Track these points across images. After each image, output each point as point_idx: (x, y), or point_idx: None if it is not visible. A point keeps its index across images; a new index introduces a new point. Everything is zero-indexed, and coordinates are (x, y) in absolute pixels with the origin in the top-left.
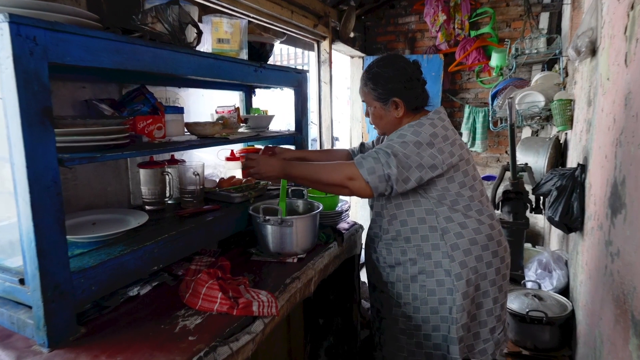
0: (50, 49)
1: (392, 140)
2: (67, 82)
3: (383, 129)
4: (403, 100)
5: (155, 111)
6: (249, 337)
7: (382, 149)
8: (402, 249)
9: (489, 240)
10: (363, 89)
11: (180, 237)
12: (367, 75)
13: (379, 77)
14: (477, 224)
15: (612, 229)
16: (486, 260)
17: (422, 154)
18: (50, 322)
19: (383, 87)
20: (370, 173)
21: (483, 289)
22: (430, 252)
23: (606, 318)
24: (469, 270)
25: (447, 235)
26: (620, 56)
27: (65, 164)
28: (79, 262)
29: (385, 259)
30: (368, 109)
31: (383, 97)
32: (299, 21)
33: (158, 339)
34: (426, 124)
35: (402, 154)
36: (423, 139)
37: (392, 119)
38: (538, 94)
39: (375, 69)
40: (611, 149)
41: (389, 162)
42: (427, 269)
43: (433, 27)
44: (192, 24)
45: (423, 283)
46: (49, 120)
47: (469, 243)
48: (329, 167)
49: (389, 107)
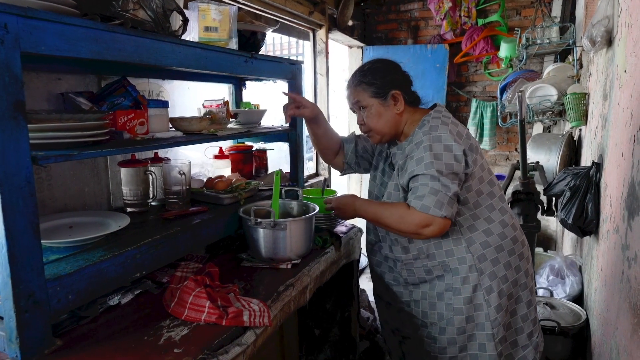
0: (22, 37)
1: (422, 159)
2: (42, 74)
3: (381, 130)
4: (402, 92)
5: (137, 105)
6: (240, 349)
7: (425, 175)
8: (426, 268)
9: (514, 243)
10: (355, 91)
11: (164, 242)
12: (361, 74)
13: (376, 72)
14: (501, 228)
15: (629, 232)
16: (514, 265)
17: (457, 156)
18: (24, 334)
19: (382, 80)
20: (440, 206)
21: (516, 295)
22: (458, 267)
23: (622, 328)
24: (499, 280)
25: (473, 246)
26: (638, 46)
27: (40, 163)
28: (54, 268)
29: (407, 279)
30: (361, 114)
31: (381, 92)
32: (293, 8)
33: (141, 352)
34: (438, 124)
35: (444, 167)
36: (447, 140)
37: (393, 115)
38: (550, 87)
39: (367, 67)
40: (628, 146)
41: (443, 182)
42: (454, 286)
43: (438, 15)
44: (177, 10)
45: (450, 301)
46: (21, 114)
47: (496, 251)
48: (396, 218)
49: (388, 102)
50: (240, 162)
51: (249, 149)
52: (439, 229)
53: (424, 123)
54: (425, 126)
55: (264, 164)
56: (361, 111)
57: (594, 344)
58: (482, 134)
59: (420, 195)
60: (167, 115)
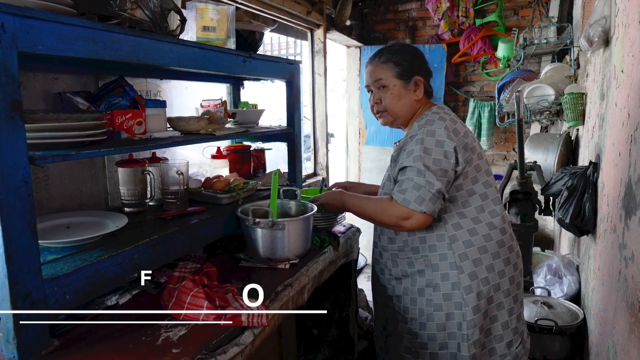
0: (19, 37)
1: (412, 152)
2: (39, 73)
3: (397, 113)
4: (424, 80)
5: (135, 105)
6: (238, 349)
7: (412, 168)
8: (410, 261)
9: (500, 246)
10: (380, 67)
11: (162, 242)
12: (390, 52)
13: (405, 53)
14: (487, 229)
15: (626, 231)
16: (498, 269)
17: (448, 152)
18: (21, 334)
19: (410, 62)
20: (421, 202)
21: (497, 300)
22: (438, 263)
23: (620, 327)
24: (480, 282)
25: (455, 244)
26: (636, 47)
27: (37, 163)
28: (51, 269)
29: (391, 271)
30: (378, 92)
31: (406, 75)
32: (291, 8)
33: (139, 352)
34: (435, 119)
35: (432, 162)
36: (440, 136)
37: (411, 101)
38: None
39: (397, 47)
40: (625, 146)
41: (428, 178)
42: (434, 282)
43: (435, 15)
44: (175, 10)
45: (430, 297)
46: (18, 114)
47: (479, 252)
48: (379, 210)
49: (410, 86)
50: (238, 162)
51: (247, 148)
52: (417, 223)
53: (423, 117)
54: (423, 119)
55: (262, 163)
56: (380, 90)
57: (591, 343)
58: (479, 133)
59: (403, 189)
60: (165, 115)
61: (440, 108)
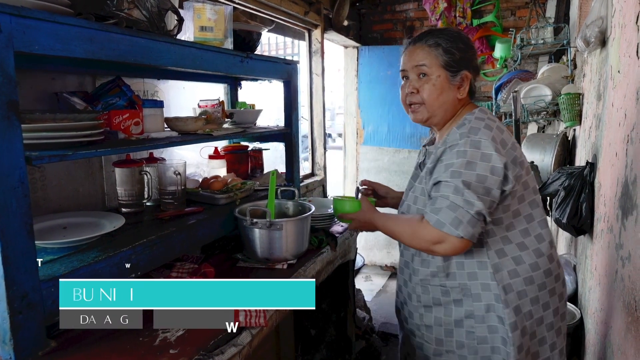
0: (16, 37)
1: (451, 165)
2: (35, 73)
3: (434, 109)
4: (472, 78)
5: (132, 105)
6: (235, 350)
7: (449, 185)
8: (444, 289)
9: (547, 276)
10: (426, 51)
11: (159, 242)
12: (440, 36)
13: (458, 41)
14: (534, 257)
15: (622, 231)
16: (543, 301)
17: (495, 168)
18: (17, 335)
19: (461, 53)
20: (457, 225)
21: (539, 335)
22: (480, 293)
23: (617, 326)
24: (524, 316)
25: (499, 274)
26: (632, 47)
27: (34, 163)
28: (48, 269)
29: (420, 297)
30: (418, 80)
31: (455, 67)
32: (288, 8)
33: (136, 353)
34: (480, 127)
35: (474, 179)
36: (487, 148)
37: (453, 98)
38: (545, 88)
39: (450, 32)
40: (622, 146)
41: (467, 197)
42: (476, 313)
43: (433, 15)
44: (172, 10)
45: (471, 329)
46: (15, 114)
47: (524, 283)
48: (408, 232)
49: (456, 81)
50: (235, 162)
51: (245, 149)
52: (452, 248)
53: (464, 122)
54: (465, 126)
55: (260, 164)
56: (419, 77)
57: (588, 343)
58: None
59: (436, 208)
60: (162, 115)
61: (483, 112)
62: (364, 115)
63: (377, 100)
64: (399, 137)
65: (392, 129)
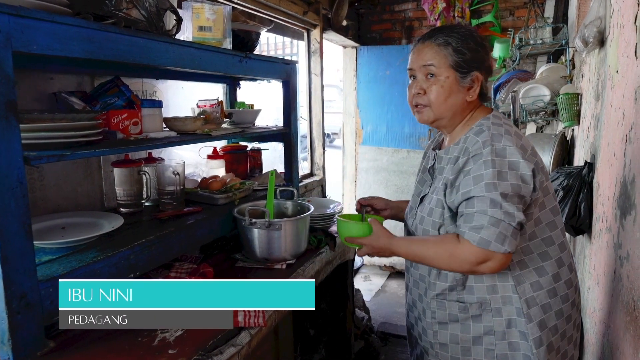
0: (14, 37)
1: (481, 178)
2: (34, 73)
3: (441, 111)
4: (484, 79)
5: (131, 105)
6: (234, 350)
7: (484, 199)
8: (462, 305)
9: (569, 287)
10: (435, 50)
11: (158, 242)
12: (451, 34)
13: (470, 39)
14: (556, 268)
15: (621, 231)
16: (566, 314)
17: (525, 176)
18: (16, 335)
19: (472, 53)
20: (503, 240)
21: (562, 349)
22: (501, 307)
23: (615, 326)
24: (549, 331)
25: (521, 286)
26: (630, 47)
27: (32, 163)
28: (47, 270)
29: (434, 313)
30: (426, 80)
31: (465, 67)
32: (287, 8)
33: (135, 353)
34: (501, 133)
35: (510, 189)
36: (513, 156)
37: (461, 101)
38: (543, 88)
39: (462, 30)
40: (620, 146)
41: (506, 209)
42: (496, 329)
43: (432, 15)
44: (171, 10)
45: (490, 347)
46: (13, 114)
47: (548, 296)
48: (444, 255)
49: (466, 82)
50: (234, 162)
51: (243, 149)
52: (499, 265)
53: (482, 129)
54: (484, 133)
55: (259, 164)
56: (427, 77)
57: (587, 342)
58: None
59: (477, 226)
60: (161, 115)
61: (497, 117)
62: (362, 115)
63: (376, 100)
64: (398, 137)
65: (391, 129)
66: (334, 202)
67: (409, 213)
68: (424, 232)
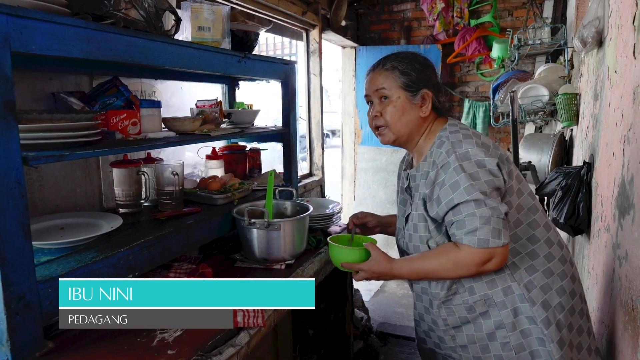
0: (12, 37)
1: (457, 184)
2: (32, 73)
3: (398, 130)
4: (433, 95)
5: (130, 105)
6: (234, 350)
7: (468, 203)
8: (467, 305)
9: (563, 264)
10: (384, 75)
11: (157, 243)
12: (397, 59)
13: (414, 62)
14: (547, 248)
15: (619, 230)
16: (569, 290)
17: (493, 170)
18: (14, 336)
19: (418, 73)
20: (498, 234)
21: (576, 325)
22: (504, 300)
23: (614, 325)
24: (554, 310)
25: (518, 273)
26: (629, 47)
27: (31, 163)
28: (46, 270)
29: (446, 320)
30: (380, 104)
31: (413, 87)
32: (286, 8)
33: (134, 354)
34: (459, 139)
35: (485, 186)
36: (476, 155)
37: (416, 118)
38: (542, 88)
39: (405, 55)
40: (619, 146)
41: (490, 204)
42: (505, 322)
43: (430, 16)
44: (170, 10)
45: (505, 340)
46: (11, 115)
47: (545, 276)
48: (448, 265)
49: (416, 100)
50: (233, 162)
51: (242, 149)
52: (502, 259)
53: (442, 140)
54: (445, 144)
55: (258, 164)
56: (381, 100)
57: None
58: None
59: (471, 230)
60: (160, 115)
61: (453, 125)
62: (362, 115)
63: None
64: None
65: None
66: (333, 202)
67: (398, 234)
68: (415, 249)
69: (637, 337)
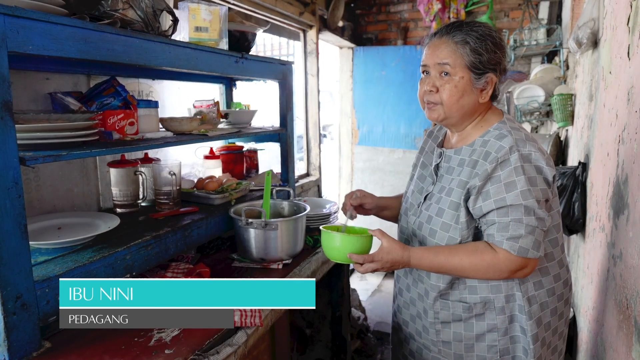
0: (9, 37)
1: (513, 185)
2: (29, 73)
3: (453, 111)
4: (497, 82)
5: (127, 105)
6: (231, 350)
7: (519, 207)
8: (465, 305)
9: (565, 287)
10: (452, 48)
11: (154, 242)
12: (471, 30)
13: (488, 39)
14: (557, 269)
15: (614, 230)
16: (560, 311)
17: (548, 181)
18: (11, 336)
19: (490, 54)
20: (538, 246)
21: (553, 345)
22: (504, 306)
23: (608, 324)
24: (544, 327)
25: (525, 285)
26: (623, 48)
27: (28, 163)
28: (43, 270)
29: (438, 314)
30: (440, 78)
31: (481, 68)
32: (283, 8)
33: (131, 353)
34: (522, 137)
35: (541, 194)
36: (537, 161)
37: (473, 102)
38: (537, 88)
39: (482, 30)
40: (613, 146)
41: (539, 214)
42: (499, 326)
43: (427, 16)
44: (167, 10)
45: (493, 343)
46: (8, 115)
47: (547, 294)
48: (482, 266)
49: (480, 84)
50: (231, 162)
51: (240, 149)
52: (532, 269)
53: (503, 134)
54: (507, 138)
55: (255, 164)
56: (441, 75)
57: (580, 341)
58: None
59: (515, 236)
60: (157, 115)
61: (511, 120)
62: (359, 115)
63: (372, 101)
64: (394, 137)
65: (386, 129)
66: (330, 202)
67: (409, 210)
68: (431, 232)
69: (632, 335)
